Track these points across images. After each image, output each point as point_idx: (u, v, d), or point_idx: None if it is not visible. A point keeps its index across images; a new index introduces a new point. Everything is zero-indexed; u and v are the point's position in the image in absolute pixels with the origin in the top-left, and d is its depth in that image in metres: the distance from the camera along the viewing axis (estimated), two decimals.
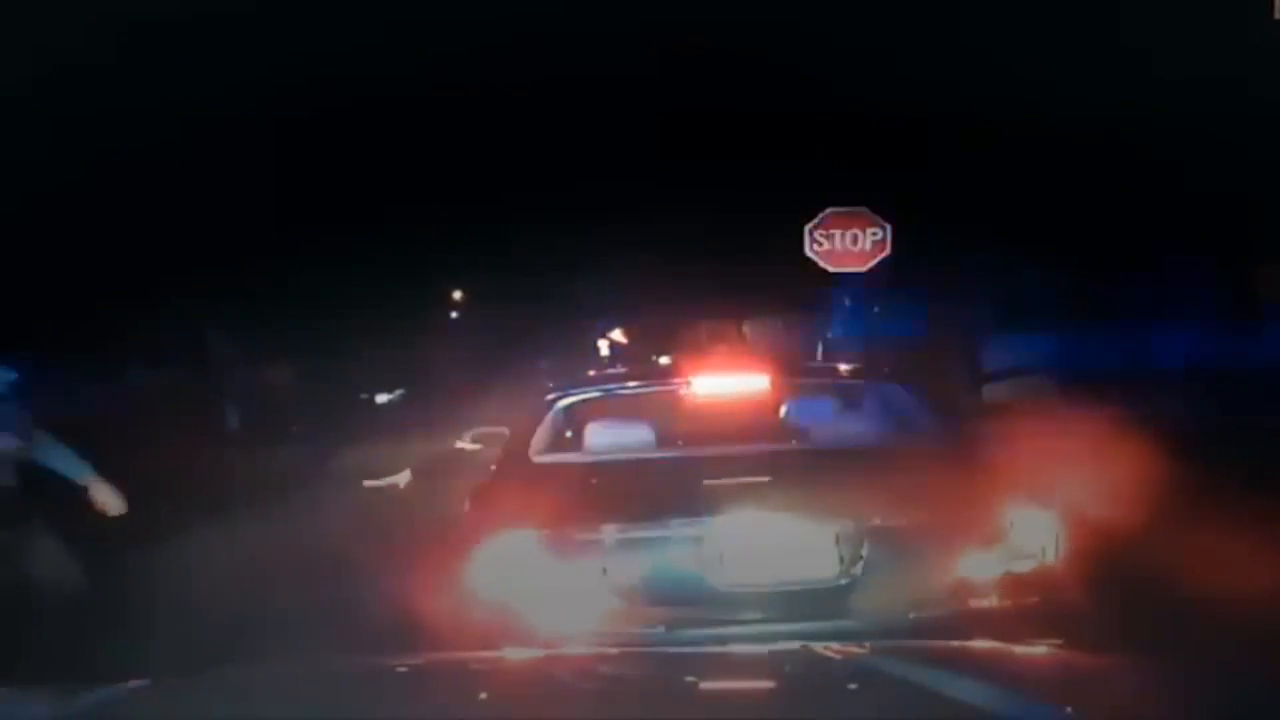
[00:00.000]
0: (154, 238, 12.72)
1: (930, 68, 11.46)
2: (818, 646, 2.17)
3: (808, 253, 10.40)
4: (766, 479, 4.02)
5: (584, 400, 5.06)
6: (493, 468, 4.78)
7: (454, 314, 25.57)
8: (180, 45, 10.41)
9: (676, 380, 5.30)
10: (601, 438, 4.55)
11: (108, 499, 4.82)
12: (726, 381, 5.14)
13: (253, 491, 8.70)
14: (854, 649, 2.21)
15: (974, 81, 10.86)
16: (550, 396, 5.04)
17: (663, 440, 4.61)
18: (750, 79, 13.86)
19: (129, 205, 12.13)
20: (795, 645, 2.33)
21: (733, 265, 17.47)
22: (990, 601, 3.72)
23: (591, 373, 6.72)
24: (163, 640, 4.71)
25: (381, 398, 16.54)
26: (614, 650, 2.96)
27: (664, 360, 12.34)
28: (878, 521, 3.78)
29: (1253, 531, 4.69)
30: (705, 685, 1.93)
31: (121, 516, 4.92)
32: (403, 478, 8.83)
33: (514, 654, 2.75)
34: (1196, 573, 4.36)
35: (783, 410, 5.00)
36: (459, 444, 6.08)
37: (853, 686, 1.90)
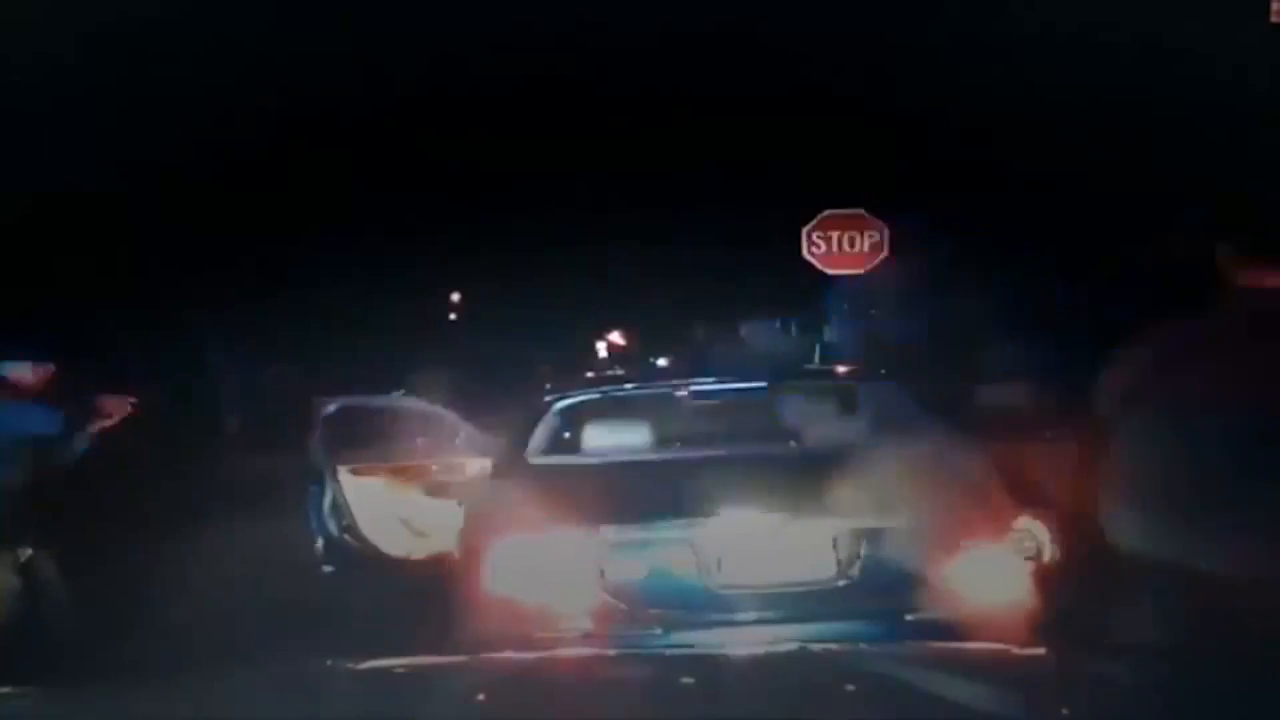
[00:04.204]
0: (154, 241, 12.73)
1: (931, 67, 11.47)
2: (815, 648, 2.17)
3: (805, 255, 10.38)
4: (763, 481, 4.02)
5: (581, 402, 5.06)
6: (491, 469, 4.78)
7: (452, 316, 25.56)
8: (180, 47, 10.42)
9: (674, 382, 5.30)
10: (598, 440, 4.55)
11: None
12: (723, 384, 5.15)
13: (250, 495, 8.69)
14: (851, 650, 2.21)
15: (974, 81, 10.86)
16: (547, 399, 5.04)
17: (660, 442, 4.61)
18: (749, 79, 13.88)
19: (129, 209, 12.13)
20: (793, 646, 2.33)
21: (730, 267, 17.52)
22: (988, 602, 3.72)
23: (589, 374, 6.71)
24: (161, 640, 4.71)
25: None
26: (613, 651, 2.96)
27: (661, 362, 12.35)
28: (875, 523, 3.78)
29: (1252, 532, 4.68)
30: (704, 686, 1.92)
31: (120, 519, 4.93)
32: None
33: (514, 654, 2.74)
34: (1195, 572, 4.35)
35: (779, 412, 5.00)
36: None
37: (850, 688, 1.90)
